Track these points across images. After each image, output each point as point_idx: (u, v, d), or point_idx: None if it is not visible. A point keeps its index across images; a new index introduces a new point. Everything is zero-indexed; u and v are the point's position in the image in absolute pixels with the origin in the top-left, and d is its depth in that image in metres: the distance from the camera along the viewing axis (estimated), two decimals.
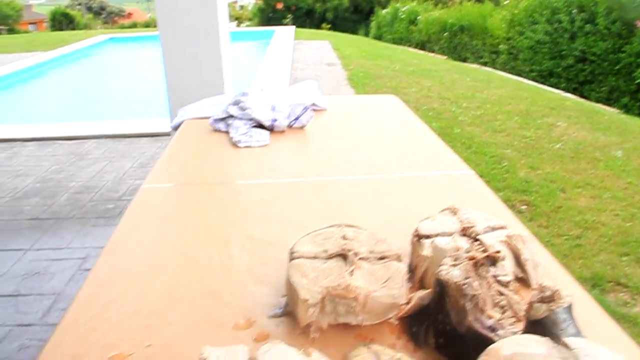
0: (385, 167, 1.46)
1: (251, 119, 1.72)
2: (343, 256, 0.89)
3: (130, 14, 30.83)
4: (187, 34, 2.71)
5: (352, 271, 0.85)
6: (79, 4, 26.52)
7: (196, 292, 0.93)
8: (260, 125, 1.73)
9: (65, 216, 3.28)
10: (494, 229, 1.02)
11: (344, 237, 0.93)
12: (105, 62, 11.52)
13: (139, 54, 12.31)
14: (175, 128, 2.01)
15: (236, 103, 1.81)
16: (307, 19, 23.18)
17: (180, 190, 1.34)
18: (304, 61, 8.49)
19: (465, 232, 1.00)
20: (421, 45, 15.15)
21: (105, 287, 0.95)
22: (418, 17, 15.99)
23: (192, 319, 0.86)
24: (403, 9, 17.04)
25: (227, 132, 1.72)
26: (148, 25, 22.51)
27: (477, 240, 0.97)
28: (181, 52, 2.70)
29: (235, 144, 1.61)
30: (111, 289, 0.95)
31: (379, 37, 18.11)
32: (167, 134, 4.57)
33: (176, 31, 2.69)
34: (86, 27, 23.66)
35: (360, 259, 0.88)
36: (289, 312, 0.87)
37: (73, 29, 21.62)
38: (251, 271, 0.98)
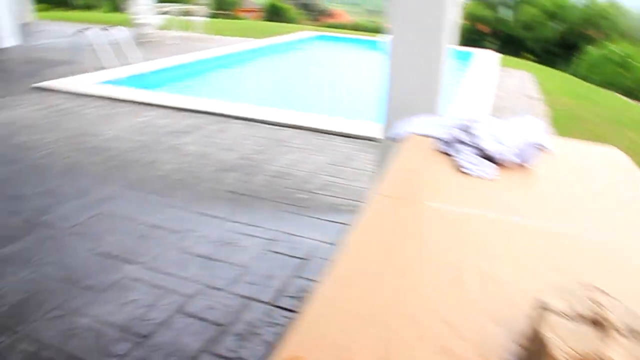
0: (618, 229, 1.35)
1: (478, 148, 1.70)
2: (596, 323, 0.84)
3: (335, 15, 32.23)
4: (414, 46, 2.75)
5: (608, 342, 0.80)
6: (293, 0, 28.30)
7: (429, 316, 0.94)
8: (486, 156, 1.70)
9: (260, 196, 3.52)
10: None
11: (596, 302, 0.88)
12: (312, 58, 12.15)
13: (343, 55, 12.81)
14: (391, 138, 2.05)
15: (464, 128, 1.80)
16: (508, 46, 22.39)
17: (407, 205, 1.36)
18: (503, 90, 8.22)
19: None
20: (631, 93, 13.89)
21: (343, 288, 1.00)
22: (631, 61, 14.69)
23: (427, 344, 0.87)
24: (615, 50, 15.76)
25: (451, 155, 1.72)
26: (353, 28, 23.30)
27: None
28: (405, 63, 2.76)
29: (460, 169, 1.60)
30: (348, 290, 0.99)
31: (583, 77, 16.95)
32: (362, 138, 4.70)
33: (404, 41, 2.75)
34: (294, 21, 25.15)
35: (617, 332, 0.82)
36: None
37: (283, 21, 23.15)
38: (485, 308, 0.96)
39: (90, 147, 4.42)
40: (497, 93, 7.76)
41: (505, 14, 23.18)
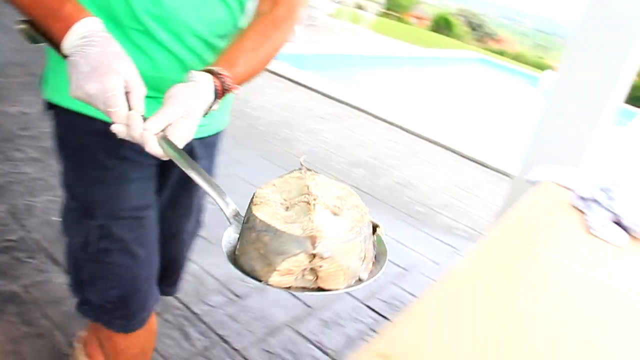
0: None
1: (613, 213, 1.63)
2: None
3: (501, 40, 31.25)
4: (579, 93, 2.65)
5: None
6: (463, 16, 27.80)
7: None
8: (619, 222, 1.63)
9: (381, 198, 3.58)
10: None
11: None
12: (466, 79, 11.94)
13: (499, 83, 12.45)
14: (529, 181, 2.02)
15: (604, 189, 1.73)
16: None
17: (523, 249, 1.35)
18: None
19: None
20: None
21: (441, 308, 1.02)
22: None
23: None
24: None
25: (584, 213, 1.66)
26: (514, 57, 22.47)
27: None
28: (564, 109, 2.67)
29: (588, 230, 1.55)
30: (443, 312, 1.01)
31: None
32: (495, 170, 4.60)
33: (570, 86, 2.66)
34: (459, 38, 24.74)
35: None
36: None
37: (448, 36, 22.89)
38: None
39: (236, 110, 4.72)
40: None
41: None
